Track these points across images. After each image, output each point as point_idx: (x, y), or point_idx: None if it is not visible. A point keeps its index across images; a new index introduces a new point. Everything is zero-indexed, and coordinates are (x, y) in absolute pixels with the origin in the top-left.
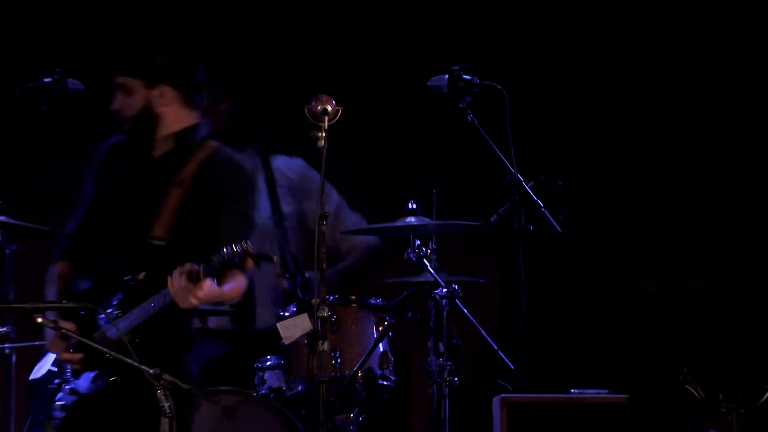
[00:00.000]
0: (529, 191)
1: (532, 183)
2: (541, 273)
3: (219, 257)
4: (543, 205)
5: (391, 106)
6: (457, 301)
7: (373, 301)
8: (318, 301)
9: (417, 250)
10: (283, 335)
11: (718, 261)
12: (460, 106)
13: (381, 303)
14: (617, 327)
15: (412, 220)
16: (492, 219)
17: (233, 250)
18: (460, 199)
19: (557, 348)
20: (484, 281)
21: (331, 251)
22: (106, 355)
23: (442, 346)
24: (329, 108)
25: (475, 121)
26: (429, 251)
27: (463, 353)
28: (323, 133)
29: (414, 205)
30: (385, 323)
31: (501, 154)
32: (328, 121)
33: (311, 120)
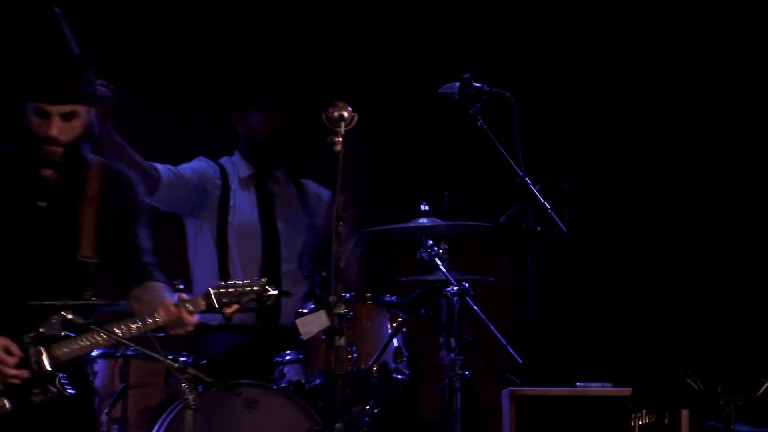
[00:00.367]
0: (536, 193)
1: (539, 186)
2: (548, 271)
3: (227, 290)
4: (549, 206)
5: (405, 113)
6: (467, 298)
7: (387, 299)
8: (335, 299)
9: (429, 250)
10: (301, 331)
11: (718, 260)
12: (471, 112)
13: (395, 300)
14: (621, 323)
15: (424, 221)
16: (501, 220)
17: (250, 289)
18: (471, 201)
19: (563, 343)
20: (493, 279)
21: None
22: (125, 349)
23: (453, 342)
24: (345, 114)
25: (485, 126)
26: (441, 251)
27: (474, 348)
28: (340, 138)
29: (426, 207)
30: (399, 320)
31: (509, 158)
32: (345, 127)
33: (328, 126)
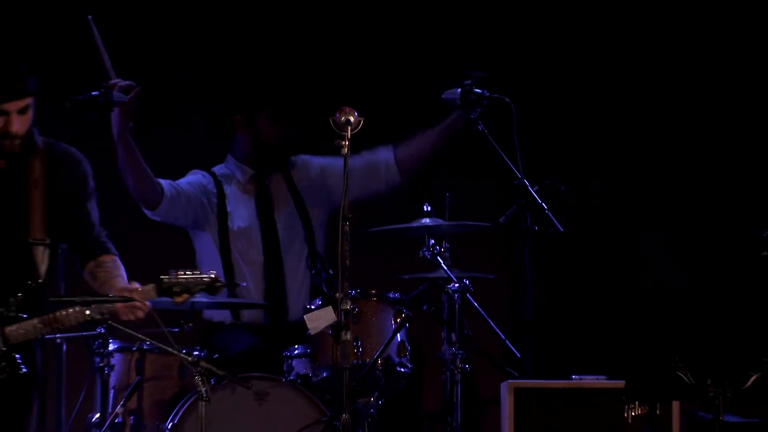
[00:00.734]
0: (534, 195)
1: (537, 187)
2: (545, 269)
3: (176, 279)
4: (547, 207)
5: (409, 117)
6: (468, 295)
7: (391, 295)
8: (341, 295)
9: (431, 249)
10: (309, 326)
11: (709, 259)
12: (472, 116)
13: (399, 297)
14: (615, 319)
15: (427, 221)
16: (500, 220)
17: (196, 275)
18: (471, 202)
19: (560, 338)
20: (493, 277)
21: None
22: (141, 344)
23: (454, 337)
24: (352, 119)
25: (485, 130)
26: (442, 250)
27: (474, 343)
28: (346, 141)
29: (429, 208)
30: (403, 315)
31: (509, 161)
32: (351, 131)
33: (335, 129)
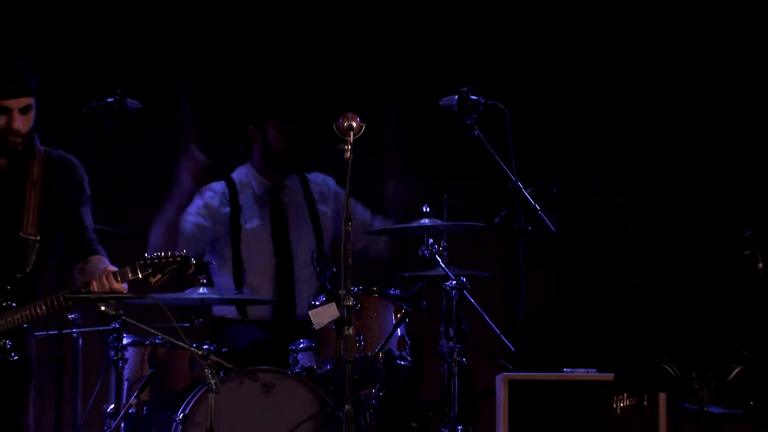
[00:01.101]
0: (528, 197)
1: (530, 189)
2: (538, 267)
3: (150, 261)
4: (540, 208)
5: (408, 123)
6: (465, 291)
7: (392, 292)
8: (344, 292)
9: (430, 248)
10: (314, 321)
11: (696, 259)
12: (468, 122)
13: (399, 293)
14: (605, 314)
15: (426, 221)
16: (495, 220)
17: (167, 256)
18: (468, 204)
19: (552, 332)
20: (488, 275)
21: (362, 252)
22: (153, 338)
23: (451, 331)
24: (354, 124)
25: (481, 135)
26: (441, 248)
27: (470, 337)
28: (349, 146)
29: (428, 209)
30: (403, 311)
31: (503, 164)
32: (353, 136)
33: (339, 135)
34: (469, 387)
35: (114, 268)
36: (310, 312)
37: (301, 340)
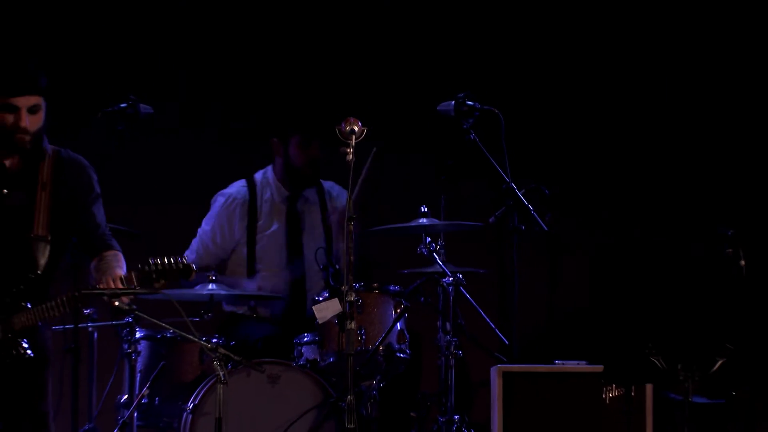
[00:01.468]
0: (521, 197)
1: (523, 190)
2: (531, 264)
3: (155, 267)
4: (532, 208)
5: (407, 127)
6: (461, 288)
7: (392, 288)
8: (347, 288)
9: (428, 246)
10: (317, 316)
11: (681, 256)
12: (464, 126)
13: (398, 289)
14: (594, 308)
15: (424, 221)
16: (490, 220)
17: (171, 262)
18: (464, 204)
19: (544, 326)
20: (483, 272)
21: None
22: (165, 332)
23: (448, 326)
24: (356, 128)
25: (477, 139)
26: (438, 247)
27: (466, 331)
28: (351, 149)
29: (426, 209)
30: (402, 306)
31: (498, 167)
32: (355, 139)
33: (341, 138)
34: (465, 378)
35: (122, 273)
36: (314, 307)
37: (305, 334)
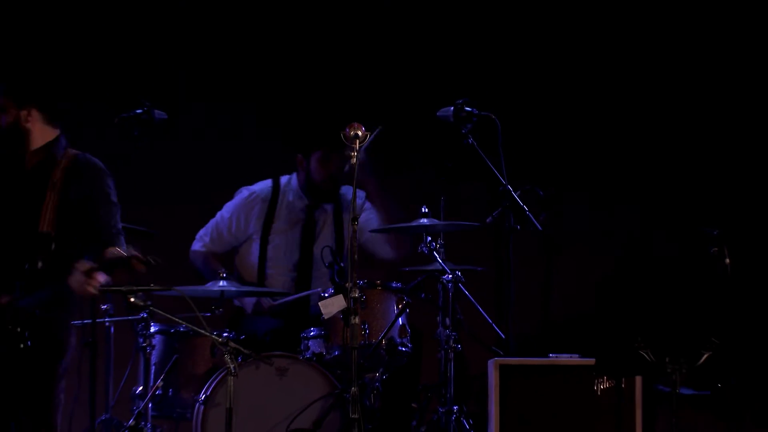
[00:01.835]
0: (517, 199)
1: (519, 192)
2: (526, 262)
3: (111, 256)
4: (527, 209)
5: (409, 132)
6: (460, 285)
7: (394, 285)
8: (351, 285)
9: (429, 245)
10: (323, 311)
11: (668, 254)
12: (463, 131)
13: (400, 286)
14: (587, 305)
15: (424, 221)
16: (488, 220)
17: (122, 254)
18: (463, 205)
19: (539, 321)
20: (481, 269)
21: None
22: (178, 326)
23: (448, 321)
24: (360, 133)
25: (475, 143)
26: (438, 245)
27: (465, 326)
28: (355, 153)
29: (426, 209)
30: (404, 302)
31: (495, 169)
32: (359, 143)
33: (346, 142)
34: (463, 371)
35: (88, 265)
36: (319, 303)
37: (311, 329)
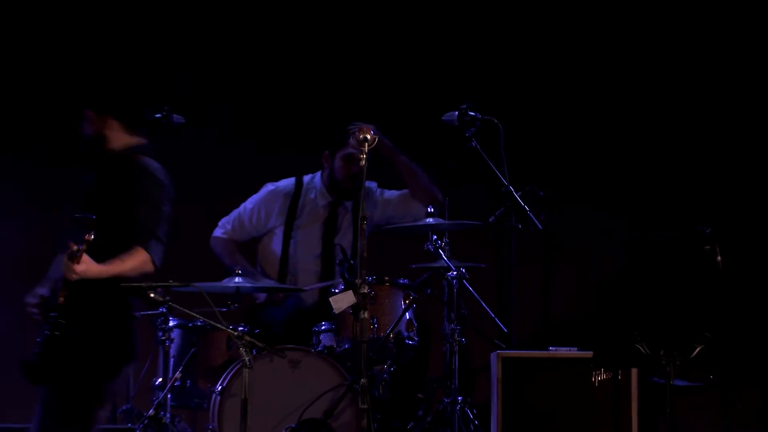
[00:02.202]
0: (518, 199)
1: (520, 193)
2: (527, 260)
3: (83, 242)
4: (528, 209)
5: (415, 135)
6: (464, 281)
7: (401, 281)
8: (360, 281)
9: (434, 243)
10: (333, 307)
11: (662, 251)
12: (467, 134)
13: (407, 282)
14: (584, 300)
15: (430, 220)
16: (490, 220)
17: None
18: (467, 205)
19: (539, 315)
20: (484, 266)
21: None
22: (196, 321)
23: (453, 315)
24: (369, 136)
25: (478, 146)
26: (443, 244)
27: (469, 320)
28: (364, 155)
29: (432, 209)
30: (411, 297)
31: (497, 171)
32: (368, 146)
33: (356, 146)
34: (467, 363)
35: (75, 247)
36: (330, 299)
37: (323, 323)
